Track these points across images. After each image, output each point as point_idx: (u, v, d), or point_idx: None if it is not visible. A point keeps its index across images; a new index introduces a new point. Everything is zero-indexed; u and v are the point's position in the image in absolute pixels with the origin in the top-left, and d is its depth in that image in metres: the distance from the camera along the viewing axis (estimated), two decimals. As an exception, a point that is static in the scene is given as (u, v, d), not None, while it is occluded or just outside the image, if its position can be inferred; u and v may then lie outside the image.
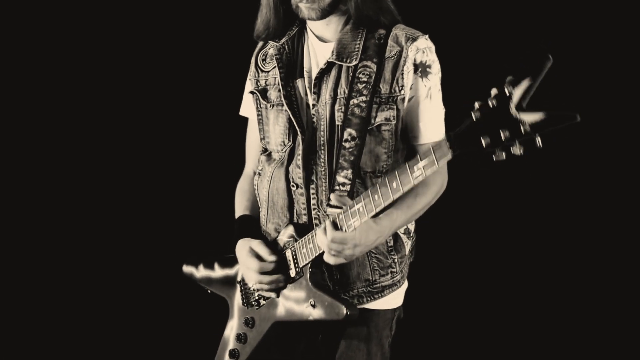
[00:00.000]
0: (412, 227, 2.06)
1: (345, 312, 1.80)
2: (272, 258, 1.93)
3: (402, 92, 1.90)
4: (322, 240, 1.78)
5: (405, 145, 1.99)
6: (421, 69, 1.91)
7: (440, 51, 1.97)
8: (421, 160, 1.58)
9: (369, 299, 1.97)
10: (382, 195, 1.68)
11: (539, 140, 1.40)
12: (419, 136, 1.95)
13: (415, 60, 1.90)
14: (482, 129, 1.46)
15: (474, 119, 1.48)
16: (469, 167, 2.07)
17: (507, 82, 1.45)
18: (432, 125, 1.95)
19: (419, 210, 1.93)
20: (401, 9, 1.99)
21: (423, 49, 1.91)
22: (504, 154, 1.45)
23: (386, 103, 1.90)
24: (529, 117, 1.40)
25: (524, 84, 1.42)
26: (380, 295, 1.98)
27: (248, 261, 1.96)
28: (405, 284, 2.06)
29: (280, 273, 1.94)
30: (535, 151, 1.41)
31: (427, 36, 1.95)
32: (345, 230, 1.75)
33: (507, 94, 1.44)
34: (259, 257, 1.95)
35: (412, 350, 2.88)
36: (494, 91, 1.47)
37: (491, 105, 1.46)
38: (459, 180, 2.06)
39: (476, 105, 1.49)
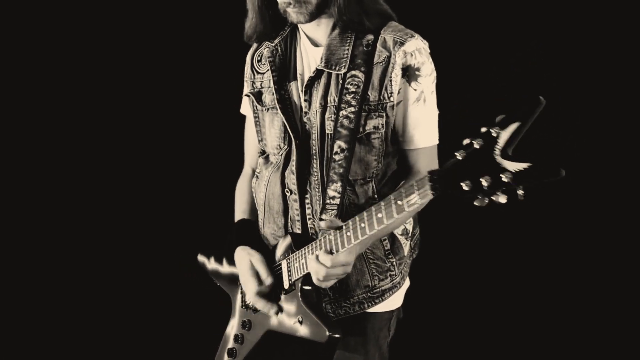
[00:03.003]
0: (410, 226, 2.03)
1: (327, 335, 1.79)
2: (269, 281, 1.93)
3: (391, 98, 1.84)
4: (317, 268, 1.75)
5: (396, 148, 1.94)
6: (409, 72, 1.84)
7: (442, 57, 1.92)
8: (405, 196, 1.54)
9: (370, 304, 1.97)
10: (367, 226, 1.66)
11: (520, 192, 1.30)
12: (409, 141, 1.91)
13: (403, 64, 1.83)
14: (464, 173, 1.39)
15: (458, 159, 1.39)
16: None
17: (496, 122, 1.35)
18: (422, 130, 1.89)
19: (398, 224, 1.93)
20: (405, 12, 1.92)
21: (411, 52, 1.83)
22: (486, 200, 1.37)
23: (375, 110, 1.85)
24: (513, 166, 1.32)
25: (512, 127, 1.33)
26: (380, 299, 1.98)
27: (247, 280, 1.96)
28: (406, 284, 2.05)
29: (275, 294, 1.94)
30: (518, 202, 1.32)
31: (417, 36, 1.86)
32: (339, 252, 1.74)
33: (494, 135, 1.34)
34: (258, 276, 1.95)
35: (413, 351, 2.88)
36: (483, 129, 1.38)
37: (477, 146, 1.37)
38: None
39: (464, 142, 1.40)
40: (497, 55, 2.83)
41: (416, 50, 1.84)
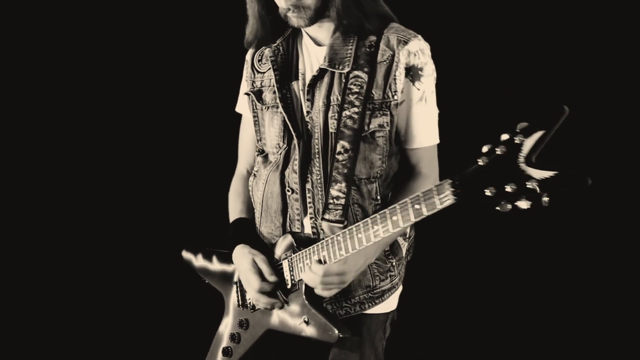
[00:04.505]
0: (407, 229, 2.05)
1: (337, 335, 1.80)
2: (273, 279, 1.92)
3: (395, 97, 1.86)
4: (312, 279, 1.80)
5: (399, 149, 1.95)
6: (413, 72, 1.86)
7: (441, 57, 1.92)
8: (424, 200, 1.55)
9: (370, 304, 1.97)
10: (382, 229, 1.67)
11: (545, 199, 1.33)
12: (412, 141, 1.93)
13: (407, 64, 1.85)
14: (488, 179, 1.41)
15: (481, 165, 1.41)
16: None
17: (518, 129, 1.38)
18: (425, 129, 1.92)
19: (404, 227, 1.89)
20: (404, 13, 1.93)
21: (415, 51, 1.86)
22: (509, 205, 1.40)
23: (379, 109, 1.86)
24: (538, 174, 1.34)
25: (536, 136, 1.36)
26: (380, 299, 1.98)
27: (249, 277, 1.94)
28: (400, 287, 2.06)
29: (278, 291, 1.93)
30: (542, 209, 1.35)
31: (420, 37, 1.89)
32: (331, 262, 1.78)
33: (518, 143, 1.36)
34: (261, 274, 1.93)
35: (407, 352, 2.88)
36: (504, 136, 1.40)
37: (500, 152, 1.40)
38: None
39: (484, 149, 1.43)
40: (496, 55, 2.88)
41: (419, 50, 1.86)
